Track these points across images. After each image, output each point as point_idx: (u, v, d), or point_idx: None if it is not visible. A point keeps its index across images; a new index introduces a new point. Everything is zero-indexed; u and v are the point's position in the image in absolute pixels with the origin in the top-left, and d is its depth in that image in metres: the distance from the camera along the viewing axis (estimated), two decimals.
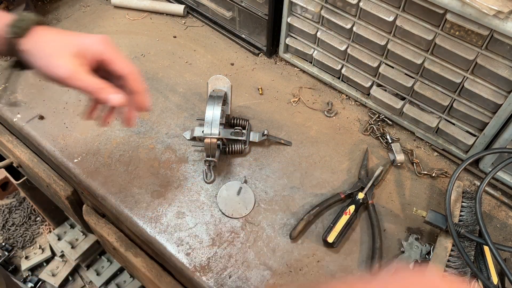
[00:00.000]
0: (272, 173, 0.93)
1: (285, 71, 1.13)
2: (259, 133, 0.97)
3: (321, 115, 1.04)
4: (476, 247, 0.80)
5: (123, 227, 0.99)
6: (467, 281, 0.75)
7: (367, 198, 0.88)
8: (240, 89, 1.08)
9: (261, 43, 1.14)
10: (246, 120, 0.98)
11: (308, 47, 1.07)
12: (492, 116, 0.85)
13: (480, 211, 0.75)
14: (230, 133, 0.95)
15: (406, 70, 0.93)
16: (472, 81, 0.83)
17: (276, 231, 0.85)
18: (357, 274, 0.81)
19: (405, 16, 0.84)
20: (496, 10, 0.70)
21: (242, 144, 0.94)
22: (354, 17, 0.92)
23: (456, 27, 0.78)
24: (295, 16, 1.03)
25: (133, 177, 0.91)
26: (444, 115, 0.94)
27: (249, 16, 1.10)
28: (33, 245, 2.06)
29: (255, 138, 0.96)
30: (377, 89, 1.01)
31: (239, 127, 0.95)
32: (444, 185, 0.92)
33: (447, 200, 0.79)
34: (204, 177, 0.91)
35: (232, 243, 0.83)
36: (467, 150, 0.94)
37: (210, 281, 0.78)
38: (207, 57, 1.15)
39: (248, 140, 0.96)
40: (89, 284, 1.97)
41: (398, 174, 0.94)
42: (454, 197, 0.83)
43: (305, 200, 0.89)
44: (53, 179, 1.10)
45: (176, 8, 1.23)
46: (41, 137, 0.97)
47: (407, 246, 0.82)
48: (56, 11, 1.24)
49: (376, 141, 1.00)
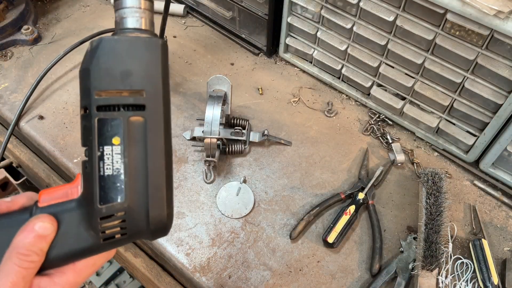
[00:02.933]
0: (272, 173, 0.93)
1: (285, 71, 1.13)
2: (259, 133, 0.97)
3: (321, 115, 1.04)
4: (475, 247, 0.81)
5: None
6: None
7: (367, 198, 0.88)
8: (240, 89, 1.08)
9: (261, 43, 1.14)
10: (246, 120, 0.98)
11: (308, 47, 1.07)
12: (493, 116, 0.85)
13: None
14: (230, 133, 0.95)
15: (406, 70, 0.93)
16: (473, 81, 0.83)
17: (276, 231, 0.85)
18: (357, 274, 0.81)
19: (405, 16, 0.84)
20: (496, 10, 0.70)
21: (242, 144, 0.94)
22: (354, 17, 0.92)
23: (456, 27, 0.78)
24: (295, 16, 1.03)
25: None
26: (445, 115, 0.94)
27: (249, 16, 1.10)
28: None
29: (255, 138, 0.96)
30: (377, 89, 1.01)
31: (239, 127, 0.95)
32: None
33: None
34: (204, 177, 0.91)
35: (232, 243, 0.83)
36: (468, 150, 0.94)
37: (210, 282, 0.78)
38: (207, 57, 1.15)
39: (248, 140, 0.96)
40: (89, 284, 1.97)
41: (398, 174, 0.94)
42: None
43: (305, 200, 0.89)
44: (53, 179, 1.10)
45: (176, 8, 1.23)
46: (41, 137, 0.96)
47: (406, 246, 0.82)
48: (56, 11, 1.24)
49: (376, 141, 1.00)
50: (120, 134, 0.39)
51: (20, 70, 1.09)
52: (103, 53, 0.40)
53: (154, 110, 0.40)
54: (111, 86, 0.40)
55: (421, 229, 0.80)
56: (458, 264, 0.81)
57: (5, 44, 1.13)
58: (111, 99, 0.40)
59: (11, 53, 1.13)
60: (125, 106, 0.40)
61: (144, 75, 0.40)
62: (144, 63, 0.41)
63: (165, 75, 0.42)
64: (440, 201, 0.81)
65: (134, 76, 0.40)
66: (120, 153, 0.39)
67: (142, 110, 0.40)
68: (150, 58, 0.41)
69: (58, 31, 1.19)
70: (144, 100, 0.40)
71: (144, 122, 0.40)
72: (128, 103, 0.40)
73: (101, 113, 0.39)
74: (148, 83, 0.41)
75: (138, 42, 0.42)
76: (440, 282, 0.76)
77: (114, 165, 0.39)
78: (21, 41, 1.14)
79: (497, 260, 0.82)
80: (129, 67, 0.40)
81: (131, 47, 0.41)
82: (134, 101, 0.40)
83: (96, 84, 0.40)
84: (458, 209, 0.89)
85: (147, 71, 0.41)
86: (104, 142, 0.39)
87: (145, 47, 0.41)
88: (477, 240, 0.81)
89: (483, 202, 0.91)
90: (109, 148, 0.39)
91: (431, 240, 0.77)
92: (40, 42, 1.16)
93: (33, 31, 1.13)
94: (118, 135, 0.39)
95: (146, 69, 0.41)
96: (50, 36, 1.17)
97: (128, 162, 0.39)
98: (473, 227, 0.86)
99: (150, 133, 0.40)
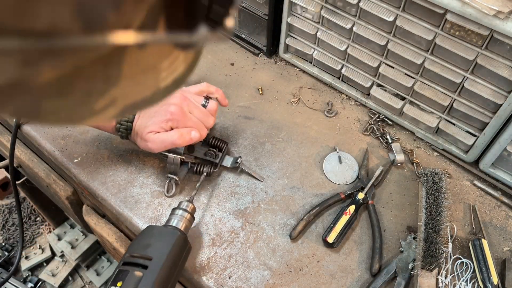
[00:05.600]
0: (272, 173, 0.93)
1: (285, 71, 1.13)
2: (233, 159, 0.91)
3: (321, 115, 1.04)
4: (475, 247, 0.81)
5: (123, 227, 0.99)
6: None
7: (367, 198, 0.88)
8: (240, 89, 1.08)
9: (261, 43, 1.14)
10: (225, 143, 0.92)
11: (308, 47, 1.07)
12: (492, 116, 0.85)
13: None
14: (204, 153, 0.90)
15: (406, 70, 0.93)
16: (472, 81, 0.83)
17: (276, 231, 0.85)
18: (357, 274, 0.81)
19: (405, 16, 0.84)
20: (496, 10, 0.70)
21: (213, 167, 0.89)
22: (354, 17, 0.92)
23: (456, 27, 0.78)
24: (295, 16, 1.03)
25: (133, 177, 0.91)
26: (444, 115, 0.94)
27: (249, 16, 1.10)
28: (33, 245, 2.06)
29: (228, 163, 0.91)
30: (377, 89, 1.01)
31: (214, 150, 0.90)
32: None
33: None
34: (164, 190, 0.88)
35: (232, 243, 0.83)
36: (467, 150, 0.94)
37: (210, 281, 0.78)
38: (207, 57, 1.15)
39: (220, 164, 0.91)
40: (89, 284, 1.97)
41: (398, 174, 0.94)
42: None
43: (305, 200, 0.89)
44: (53, 179, 1.10)
45: None
46: (41, 137, 0.97)
47: (406, 246, 0.82)
48: None
49: (376, 141, 1.00)
50: (123, 280, 0.61)
51: None
52: (146, 232, 0.70)
53: (152, 271, 0.62)
54: (136, 251, 0.65)
55: (421, 229, 0.80)
56: (458, 264, 0.81)
57: None
58: (131, 258, 0.64)
59: None
60: (136, 264, 0.63)
61: (157, 249, 0.65)
62: (161, 243, 0.66)
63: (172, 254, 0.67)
64: (440, 201, 0.81)
65: (150, 248, 0.65)
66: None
67: (145, 269, 0.62)
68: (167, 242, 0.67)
69: None
70: (149, 263, 0.63)
71: (140, 277, 0.61)
72: (138, 263, 0.63)
73: (123, 266, 0.64)
74: (156, 254, 0.64)
75: (167, 231, 0.69)
76: (440, 282, 0.76)
77: None
78: None
79: (497, 260, 0.82)
80: (151, 243, 0.66)
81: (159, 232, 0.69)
82: (142, 262, 0.63)
83: (130, 249, 0.66)
84: (458, 209, 0.90)
85: (160, 248, 0.66)
86: (114, 284, 0.61)
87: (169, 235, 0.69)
88: (477, 240, 0.82)
89: (483, 202, 0.91)
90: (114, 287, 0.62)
91: (431, 240, 0.77)
92: None
93: None
94: (121, 281, 0.61)
95: (160, 247, 0.66)
96: None
97: None
98: (473, 227, 0.87)
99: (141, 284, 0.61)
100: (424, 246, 0.77)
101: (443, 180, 0.84)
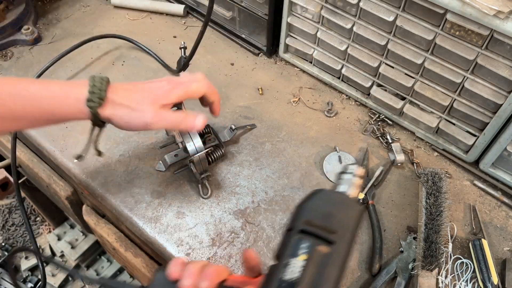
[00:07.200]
0: (272, 173, 0.93)
1: (285, 71, 1.13)
2: (228, 130, 0.95)
3: (321, 115, 1.04)
4: (475, 247, 0.81)
5: (123, 227, 0.99)
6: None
7: (367, 198, 0.88)
8: (240, 89, 1.08)
9: (261, 43, 1.14)
10: (207, 125, 0.93)
11: (308, 47, 1.07)
12: (493, 116, 0.85)
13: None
14: (203, 142, 0.89)
15: (406, 70, 0.93)
16: (472, 81, 0.83)
17: (276, 231, 0.85)
18: (357, 274, 0.81)
19: (405, 16, 0.84)
20: (496, 10, 0.70)
21: (220, 148, 0.91)
22: (354, 17, 0.92)
23: (456, 27, 0.78)
24: (295, 16, 1.03)
25: (133, 177, 0.91)
26: (444, 115, 0.94)
27: (249, 16, 1.10)
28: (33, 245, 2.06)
29: (226, 137, 0.95)
30: (377, 89, 1.01)
31: (206, 134, 0.91)
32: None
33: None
34: (201, 193, 0.89)
35: (232, 243, 0.83)
36: (468, 150, 0.94)
37: None
38: (207, 57, 1.15)
39: (222, 142, 0.93)
40: (90, 284, 1.97)
41: (398, 174, 0.94)
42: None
43: None
44: (53, 179, 1.10)
45: (176, 8, 1.23)
46: (41, 137, 0.97)
47: (406, 246, 0.82)
48: (56, 11, 1.24)
49: (376, 141, 1.00)
50: (308, 254, 0.51)
51: (20, 70, 1.09)
52: (320, 197, 0.56)
53: (339, 249, 0.52)
54: (315, 219, 0.53)
55: (421, 229, 0.80)
56: (458, 264, 0.81)
57: (5, 44, 1.13)
58: (311, 228, 0.52)
59: (11, 53, 1.13)
60: (319, 237, 0.52)
61: (341, 222, 0.54)
62: (345, 214, 0.55)
63: (355, 230, 0.54)
64: (440, 201, 0.81)
65: (334, 220, 0.53)
66: (302, 266, 0.49)
67: (330, 245, 0.52)
68: (351, 214, 0.55)
69: (58, 31, 1.19)
70: (335, 238, 0.52)
71: (329, 254, 0.51)
72: (322, 236, 0.52)
73: (301, 235, 0.52)
74: (341, 228, 0.53)
75: (347, 200, 0.57)
76: (440, 282, 0.76)
77: (294, 274, 0.49)
78: (21, 41, 1.14)
79: (497, 260, 0.82)
80: (332, 212, 0.54)
81: (341, 200, 0.57)
82: (327, 236, 0.53)
83: (305, 215, 0.54)
84: (458, 209, 0.90)
85: (344, 221, 0.54)
86: (293, 255, 0.50)
87: (350, 205, 0.56)
88: (477, 240, 0.82)
89: (483, 202, 0.91)
90: (295, 260, 0.50)
91: (431, 240, 0.77)
92: (40, 42, 1.16)
93: (33, 31, 1.13)
94: (306, 254, 0.51)
95: (344, 218, 0.54)
96: (50, 36, 1.17)
97: (305, 276, 0.49)
98: (473, 227, 0.87)
99: (330, 263, 0.50)
100: (424, 246, 0.77)
101: (443, 180, 0.84)
